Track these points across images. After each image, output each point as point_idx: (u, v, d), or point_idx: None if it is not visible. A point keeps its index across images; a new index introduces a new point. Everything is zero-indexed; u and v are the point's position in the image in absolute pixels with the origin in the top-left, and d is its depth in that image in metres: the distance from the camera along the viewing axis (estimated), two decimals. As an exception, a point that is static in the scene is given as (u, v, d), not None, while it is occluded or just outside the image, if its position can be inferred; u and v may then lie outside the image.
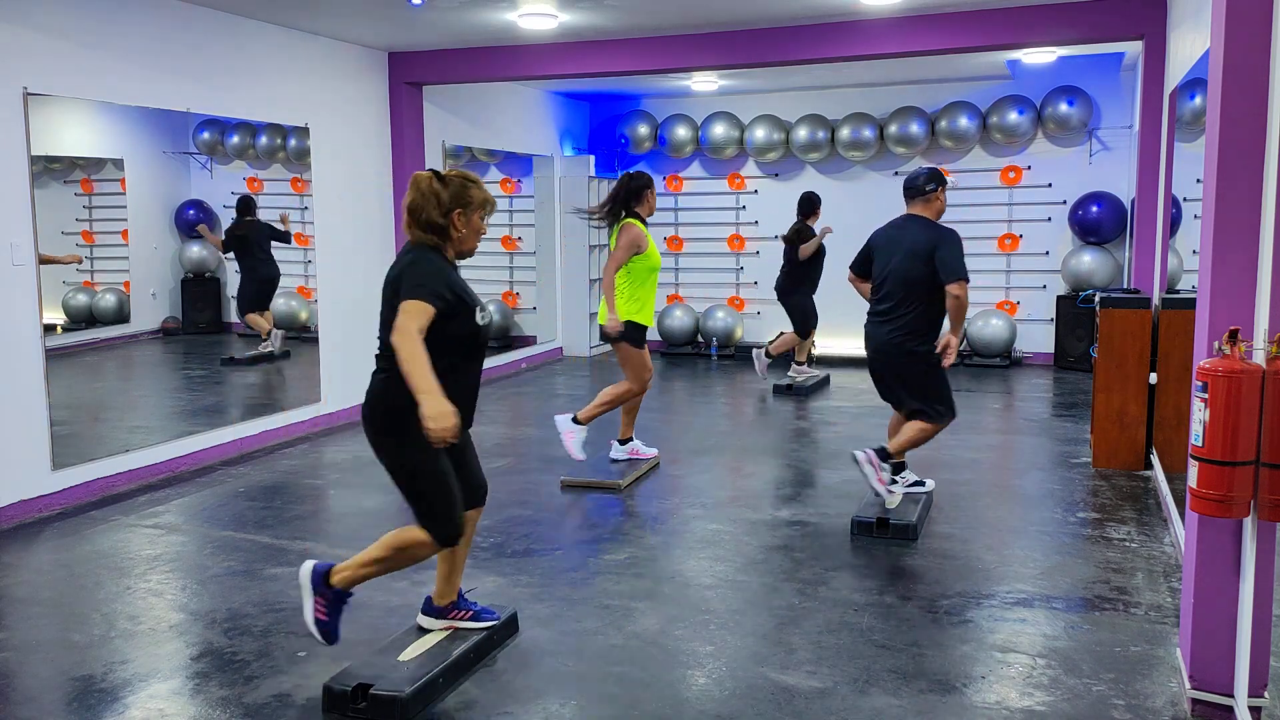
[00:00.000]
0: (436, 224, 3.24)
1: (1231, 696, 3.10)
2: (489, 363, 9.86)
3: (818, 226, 8.62)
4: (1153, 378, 5.78)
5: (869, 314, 5.11)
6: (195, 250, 7.87)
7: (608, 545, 4.86)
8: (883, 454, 4.96)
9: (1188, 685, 3.19)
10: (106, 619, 4.03)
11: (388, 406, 3.21)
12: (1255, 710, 3.01)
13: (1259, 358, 2.85)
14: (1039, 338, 10.14)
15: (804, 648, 3.67)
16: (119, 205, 7.23)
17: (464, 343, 3.26)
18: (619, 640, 3.76)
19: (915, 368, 4.97)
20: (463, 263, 3.42)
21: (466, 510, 3.50)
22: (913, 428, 4.99)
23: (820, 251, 8.49)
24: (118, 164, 7.12)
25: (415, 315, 3.04)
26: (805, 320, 8.69)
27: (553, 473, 6.09)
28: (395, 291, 3.15)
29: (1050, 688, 3.35)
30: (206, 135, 7.77)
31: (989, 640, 3.73)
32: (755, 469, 6.27)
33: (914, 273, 4.89)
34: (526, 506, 5.51)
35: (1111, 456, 6.03)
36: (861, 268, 5.22)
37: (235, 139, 7.85)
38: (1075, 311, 9.37)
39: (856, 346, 10.09)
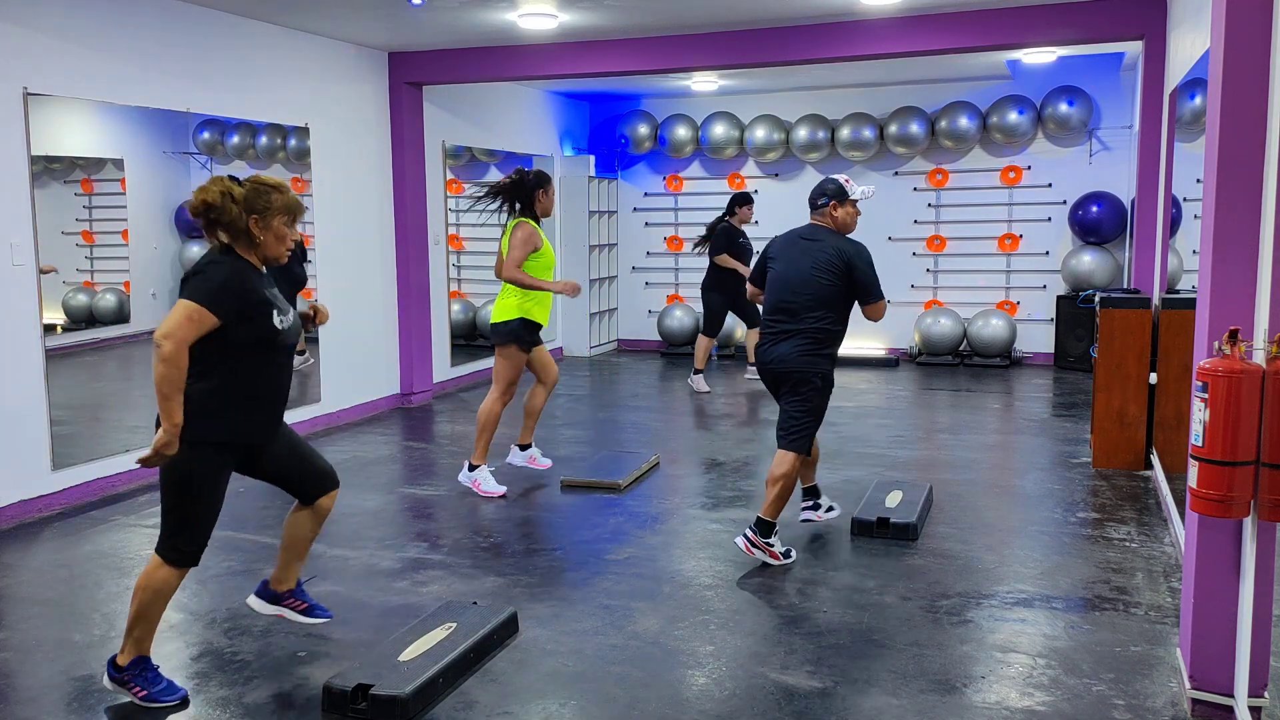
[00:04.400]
0: (238, 229, 3.20)
1: (1231, 696, 3.10)
2: (490, 362, 9.85)
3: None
4: (1153, 378, 5.79)
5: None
6: (195, 250, 7.86)
7: (608, 545, 4.86)
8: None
9: (1188, 685, 3.19)
10: (106, 619, 4.03)
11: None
12: (1255, 710, 3.01)
13: (1259, 358, 2.85)
14: (1039, 338, 10.14)
15: (804, 648, 3.68)
16: (119, 205, 7.22)
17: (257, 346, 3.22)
18: (619, 640, 3.76)
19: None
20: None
21: (321, 496, 3.55)
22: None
23: (742, 250, 8.81)
24: (118, 164, 7.11)
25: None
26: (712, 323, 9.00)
27: (553, 472, 6.09)
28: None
29: (1050, 688, 3.35)
30: (206, 135, 7.76)
31: (989, 640, 3.73)
32: (755, 469, 6.27)
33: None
34: (526, 507, 5.51)
35: (1111, 456, 6.03)
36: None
37: (235, 139, 7.84)
38: (1075, 311, 9.37)
39: (854, 347, 10.15)
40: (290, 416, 7.25)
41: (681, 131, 10.91)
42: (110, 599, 4.25)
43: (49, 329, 5.66)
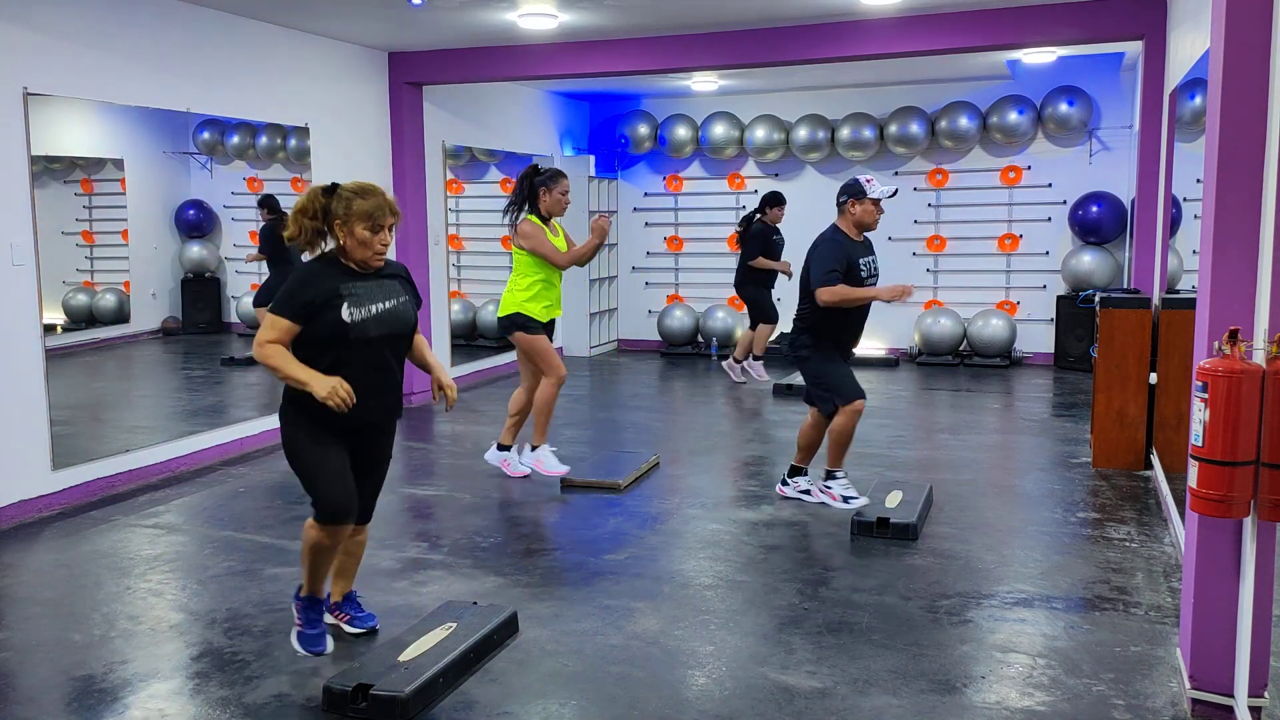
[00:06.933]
0: (319, 229, 3.40)
1: (1231, 696, 3.10)
2: (489, 362, 9.87)
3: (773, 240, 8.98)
4: (1153, 378, 5.78)
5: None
6: (195, 250, 7.87)
7: (608, 545, 4.86)
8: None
9: (1188, 685, 3.19)
10: (106, 619, 4.03)
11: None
12: (1255, 710, 3.01)
13: (1259, 358, 2.85)
14: (1039, 338, 10.14)
15: (804, 648, 3.68)
16: (119, 205, 7.22)
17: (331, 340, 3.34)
18: (619, 640, 3.76)
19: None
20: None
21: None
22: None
23: (773, 248, 8.89)
24: (118, 164, 7.11)
25: (268, 328, 3.31)
26: (760, 314, 9.04)
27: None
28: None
29: (1050, 688, 3.36)
30: (206, 135, 7.76)
31: (989, 640, 3.73)
32: (755, 469, 6.27)
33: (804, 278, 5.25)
34: (526, 506, 5.51)
35: (1111, 456, 6.03)
36: None
37: (235, 139, 7.84)
38: (1075, 311, 9.37)
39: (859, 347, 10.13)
40: (290, 416, 7.27)
41: (681, 131, 10.91)
42: (110, 599, 4.25)
43: (49, 329, 5.66)
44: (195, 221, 7.85)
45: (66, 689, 3.45)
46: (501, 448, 6.04)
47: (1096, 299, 6.27)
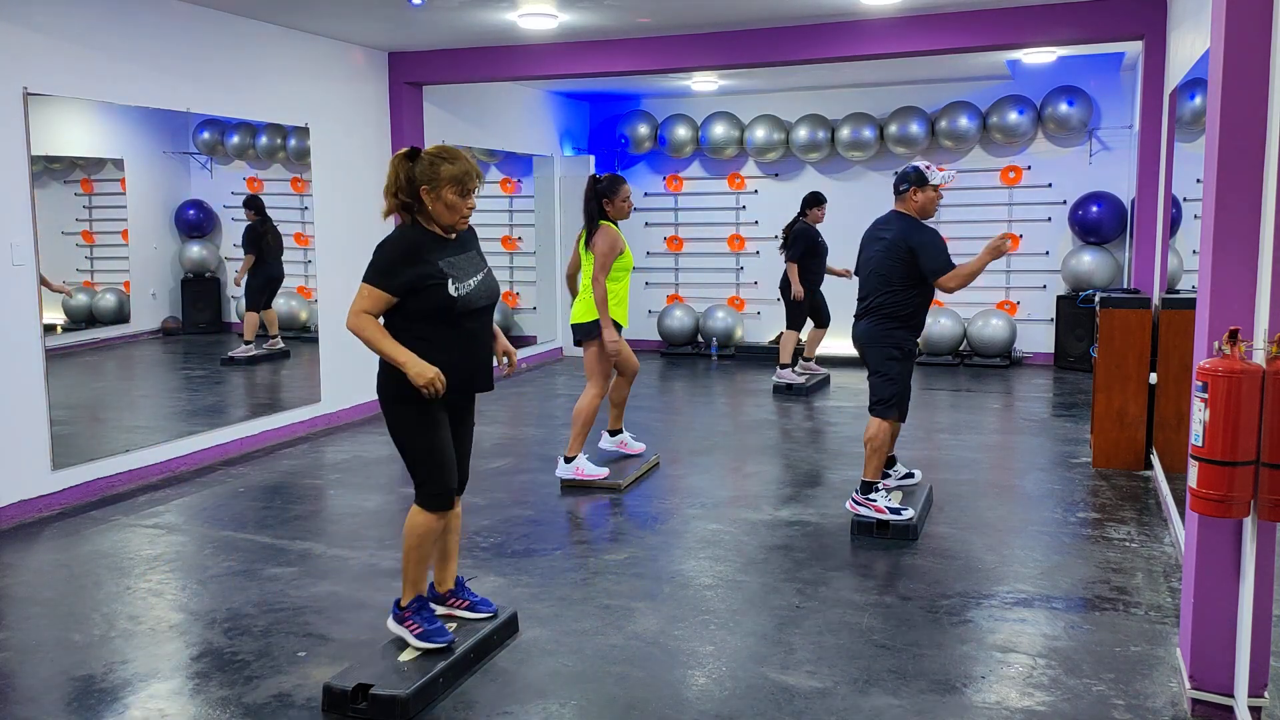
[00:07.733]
0: (405, 201, 3.36)
1: (1231, 696, 3.10)
2: (489, 363, 9.86)
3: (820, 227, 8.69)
4: (1153, 378, 5.79)
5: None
6: (195, 250, 7.87)
7: (608, 545, 4.86)
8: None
9: (1188, 685, 3.19)
10: (106, 619, 4.03)
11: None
12: (1255, 710, 3.01)
13: (1259, 358, 2.85)
14: (1039, 338, 10.14)
15: (804, 648, 3.67)
16: (119, 205, 7.22)
17: (439, 314, 3.34)
18: (619, 640, 3.76)
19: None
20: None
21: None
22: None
23: (819, 249, 8.53)
24: (118, 164, 7.12)
25: (362, 299, 3.32)
26: (795, 318, 8.76)
27: (553, 473, 6.09)
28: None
29: (1050, 688, 3.36)
30: (206, 135, 7.77)
31: (989, 640, 3.73)
32: (755, 469, 6.27)
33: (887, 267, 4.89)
34: (526, 506, 5.51)
35: (1111, 456, 6.03)
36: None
37: (235, 139, 7.84)
38: (1075, 311, 9.37)
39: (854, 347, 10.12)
40: (291, 416, 7.28)
41: (681, 131, 10.91)
42: (110, 599, 4.25)
43: (49, 329, 5.66)
44: (195, 221, 7.86)
45: (66, 689, 3.45)
46: (612, 433, 6.24)
47: (1096, 299, 6.27)
